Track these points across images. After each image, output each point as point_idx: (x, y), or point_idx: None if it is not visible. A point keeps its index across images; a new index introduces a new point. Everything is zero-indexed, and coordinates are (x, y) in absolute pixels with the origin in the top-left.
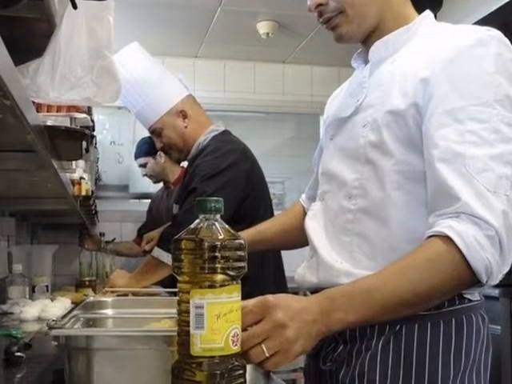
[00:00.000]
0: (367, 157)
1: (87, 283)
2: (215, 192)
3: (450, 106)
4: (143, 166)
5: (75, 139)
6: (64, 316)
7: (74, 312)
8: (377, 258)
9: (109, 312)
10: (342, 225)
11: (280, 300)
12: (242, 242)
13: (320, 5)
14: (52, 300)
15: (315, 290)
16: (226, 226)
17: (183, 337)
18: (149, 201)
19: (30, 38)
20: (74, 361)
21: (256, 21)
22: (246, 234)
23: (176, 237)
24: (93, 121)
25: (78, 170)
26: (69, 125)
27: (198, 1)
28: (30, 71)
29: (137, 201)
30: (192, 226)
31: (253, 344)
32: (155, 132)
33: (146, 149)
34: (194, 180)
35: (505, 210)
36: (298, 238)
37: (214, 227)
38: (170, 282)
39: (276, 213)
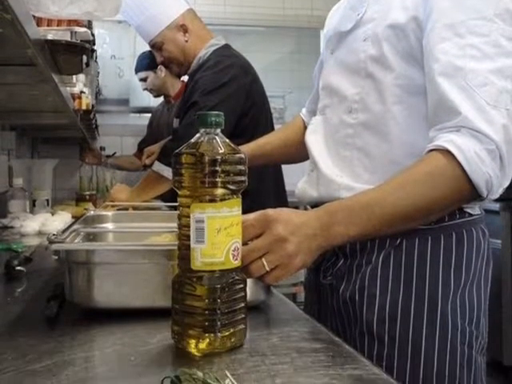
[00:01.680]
0: (367, 71)
1: (87, 197)
2: (216, 106)
3: (450, 20)
4: (143, 80)
5: (75, 53)
6: (64, 230)
7: (75, 226)
8: (377, 172)
9: (109, 226)
10: (343, 139)
11: (280, 214)
12: (242, 156)
13: None
14: (52, 214)
15: (316, 205)
16: (227, 141)
17: (183, 251)
18: (149, 115)
19: None
20: (74, 275)
21: None
22: (247, 148)
23: (176, 151)
24: (93, 35)
25: (79, 84)
26: (69, 39)
27: None
28: None
29: (137, 115)
30: (192, 140)
31: (253, 258)
32: (156, 46)
33: (147, 63)
34: (194, 94)
35: (505, 124)
36: (299, 152)
37: (214, 141)
38: (170, 196)
39: (276, 127)
